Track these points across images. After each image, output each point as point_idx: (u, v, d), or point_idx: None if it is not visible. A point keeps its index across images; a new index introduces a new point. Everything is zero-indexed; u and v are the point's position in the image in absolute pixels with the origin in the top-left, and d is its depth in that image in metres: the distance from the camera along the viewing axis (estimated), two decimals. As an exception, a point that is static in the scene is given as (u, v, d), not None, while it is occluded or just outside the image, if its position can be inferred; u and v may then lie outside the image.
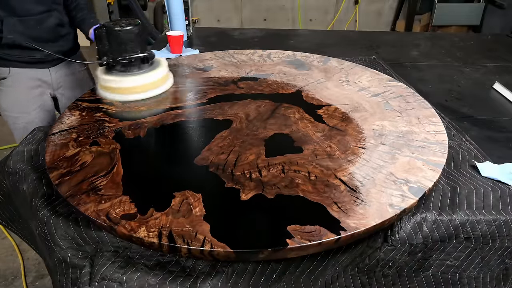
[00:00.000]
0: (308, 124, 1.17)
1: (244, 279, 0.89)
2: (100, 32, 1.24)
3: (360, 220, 0.81)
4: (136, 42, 1.27)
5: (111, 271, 0.87)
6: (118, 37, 1.25)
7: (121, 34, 1.25)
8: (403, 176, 0.95)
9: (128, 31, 1.26)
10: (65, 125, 1.16)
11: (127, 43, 1.26)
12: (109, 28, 1.24)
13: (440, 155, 1.03)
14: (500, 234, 0.96)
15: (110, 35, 1.26)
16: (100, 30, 1.24)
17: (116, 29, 1.24)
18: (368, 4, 4.96)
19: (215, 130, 1.14)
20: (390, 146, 1.07)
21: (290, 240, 0.76)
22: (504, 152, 1.24)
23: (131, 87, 1.29)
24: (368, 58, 1.96)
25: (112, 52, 1.27)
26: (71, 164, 0.98)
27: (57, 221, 0.90)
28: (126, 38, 1.26)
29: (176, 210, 0.83)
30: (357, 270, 0.95)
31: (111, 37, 1.26)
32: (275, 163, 0.99)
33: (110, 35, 1.26)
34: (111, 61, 1.27)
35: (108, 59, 1.27)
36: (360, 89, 1.41)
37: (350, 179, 0.94)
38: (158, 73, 1.34)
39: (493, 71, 1.91)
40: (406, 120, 1.20)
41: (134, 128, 1.15)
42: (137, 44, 1.28)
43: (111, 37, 1.26)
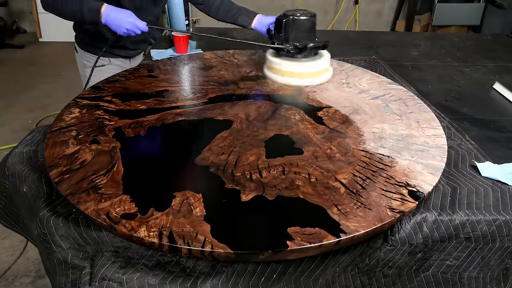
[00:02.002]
0: (309, 125, 1.17)
1: (244, 279, 0.89)
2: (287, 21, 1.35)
3: (360, 223, 0.81)
4: (314, 31, 1.38)
5: (111, 271, 0.87)
6: (302, 25, 1.35)
7: (305, 22, 1.35)
8: (402, 180, 0.95)
9: (310, 20, 1.36)
10: (64, 123, 1.15)
11: (310, 32, 1.36)
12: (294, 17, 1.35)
13: (439, 159, 1.04)
14: (500, 234, 0.96)
15: (295, 24, 1.35)
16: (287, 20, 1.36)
17: (302, 18, 1.35)
18: (368, 4, 4.96)
19: (216, 130, 1.14)
20: (390, 149, 1.07)
21: (290, 242, 0.76)
22: (504, 152, 1.24)
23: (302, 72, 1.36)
24: (368, 58, 1.96)
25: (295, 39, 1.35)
26: (71, 162, 0.98)
27: (57, 222, 0.90)
28: (309, 27, 1.36)
29: (177, 210, 0.83)
30: (357, 270, 0.95)
31: (296, 26, 1.35)
32: (275, 164, 0.99)
33: (295, 24, 1.35)
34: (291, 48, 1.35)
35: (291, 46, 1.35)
36: (360, 91, 1.41)
37: (350, 182, 0.94)
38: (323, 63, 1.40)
39: (493, 71, 1.91)
40: (405, 123, 1.20)
41: (135, 126, 1.14)
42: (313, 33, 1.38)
43: (296, 26, 1.35)
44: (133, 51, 1.82)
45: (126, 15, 1.43)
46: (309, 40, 1.36)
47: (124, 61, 1.83)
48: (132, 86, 1.41)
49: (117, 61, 1.80)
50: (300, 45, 1.35)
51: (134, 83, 1.43)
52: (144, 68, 1.58)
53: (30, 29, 5.07)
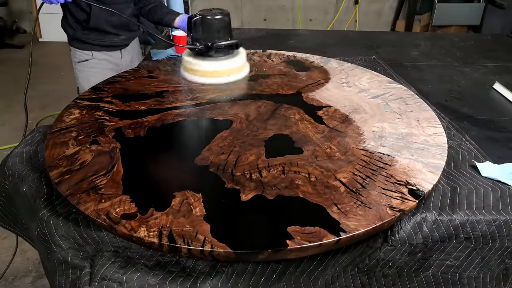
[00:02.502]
0: (308, 125, 1.17)
1: (244, 279, 0.89)
2: (196, 20, 1.39)
3: (360, 222, 0.81)
4: (226, 30, 1.42)
5: (111, 271, 0.87)
6: (212, 25, 1.39)
7: (216, 22, 1.39)
8: (402, 178, 0.95)
9: (221, 20, 1.40)
10: (65, 124, 1.16)
11: (220, 31, 1.40)
12: (204, 16, 1.39)
13: (439, 158, 1.04)
14: (500, 234, 0.96)
15: (204, 23, 1.39)
16: (197, 19, 1.39)
17: (210, 17, 1.38)
18: (368, 4, 4.96)
19: (215, 130, 1.14)
20: (390, 148, 1.07)
21: (290, 241, 0.76)
22: (504, 152, 1.24)
23: (216, 71, 1.43)
24: (368, 58, 1.96)
25: (205, 39, 1.40)
26: (71, 162, 0.98)
27: (57, 222, 0.90)
28: (219, 26, 1.40)
29: (177, 210, 0.83)
30: (357, 270, 0.95)
31: (205, 25, 1.39)
32: (275, 164, 0.99)
33: (204, 23, 1.39)
34: (202, 48, 1.40)
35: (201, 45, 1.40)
36: (360, 90, 1.41)
37: (350, 181, 0.94)
38: (238, 60, 1.47)
39: (493, 71, 1.91)
40: (405, 122, 1.20)
41: (134, 127, 1.15)
42: (227, 32, 1.42)
43: (205, 25, 1.39)
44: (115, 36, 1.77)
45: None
46: (221, 39, 1.40)
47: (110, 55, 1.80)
48: (132, 86, 1.41)
49: (101, 55, 1.77)
50: (210, 44, 1.39)
51: (134, 84, 1.43)
52: (144, 69, 1.58)
53: (30, 29, 5.08)
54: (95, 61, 1.77)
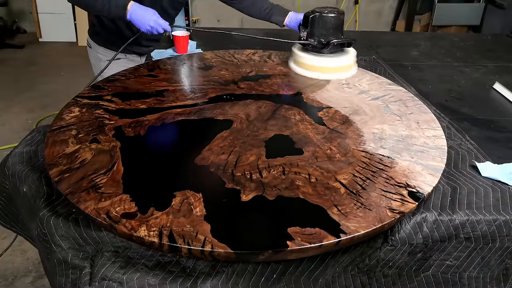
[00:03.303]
0: (309, 126, 1.17)
1: (244, 279, 0.89)
2: (313, 18, 1.48)
3: (360, 224, 0.81)
4: (340, 28, 1.49)
5: (111, 271, 0.87)
6: (328, 22, 1.47)
7: (331, 19, 1.46)
8: (402, 180, 0.95)
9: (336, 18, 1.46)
10: (64, 122, 1.15)
11: (335, 29, 1.47)
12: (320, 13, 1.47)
13: (439, 160, 1.04)
14: (500, 234, 0.96)
15: (322, 20, 1.47)
16: (314, 16, 1.48)
17: (327, 15, 1.45)
18: (368, 4, 4.96)
19: (216, 130, 1.14)
20: (390, 150, 1.07)
21: (291, 242, 0.76)
22: (504, 152, 1.24)
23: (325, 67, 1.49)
24: (368, 58, 1.96)
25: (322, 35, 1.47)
26: (71, 161, 0.98)
27: (57, 222, 0.90)
28: (336, 24, 1.47)
29: (177, 209, 0.83)
30: (357, 270, 0.95)
31: (322, 23, 1.47)
32: (275, 165, 0.99)
33: (321, 21, 1.47)
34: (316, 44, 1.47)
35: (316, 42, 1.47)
36: (360, 92, 1.41)
37: (350, 182, 0.94)
38: (349, 59, 1.52)
39: (493, 71, 1.91)
40: (405, 124, 1.20)
41: (135, 126, 1.14)
42: (340, 30, 1.49)
43: (322, 23, 1.47)
44: (146, 48, 1.87)
45: (151, 14, 1.49)
46: (335, 37, 1.45)
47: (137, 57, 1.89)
48: (132, 85, 1.41)
49: (132, 57, 1.86)
50: (325, 41, 1.45)
51: (134, 83, 1.43)
52: (144, 68, 1.58)
53: (30, 29, 5.07)
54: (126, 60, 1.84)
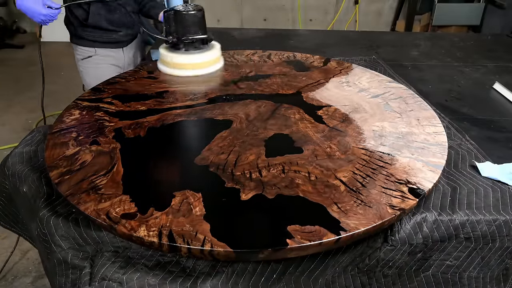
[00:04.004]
0: (308, 124, 1.17)
1: (244, 279, 0.89)
2: (168, 15, 1.47)
3: (360, 221, 0.81)
4: (198, 25, 1.48)
5: (111, 271, 0.87)
6: (183, 19, 1.47)
7: (188, 16, 1.46)
8: (403, 177, 0.95)
9: (194, 15, 1.46)
10: (65, 124, 1.16)
11: (191, 26, 1.47)
12: (177, 11, 1.46)
13: (439, 156, 1.04)
14: (500, 234, 0.96)
15: (177, 17, 1.46)
16: (169, 13, 1.46)
17: (183, 12, 1.46)
18: (368, 4, 4.95)
19: (215, 130, 1.14)
20: (390, 147, 1.07)
21: (290, 240, 0.76)
22: (504, 152, 1.24)
23: (188, 63, 1.50)
24: (368, 58, 1.96)
25: (177, 32, 1.48)
26: (71, 163, 0.98)
27: (57, 222, 0.90)
28: (190, 21, 1.47)
29: (176, 209, 0.83)
30: (357, 270, 0.95)
31: (178, 20, 1.47)
32: (275, 163, 0.99)
33: (177, 18, 1.46)
34: (175, 40, 1.48)
35: (173, 38, 1.48)
36: (360, 90, 1.41)
37: (350, 180, 0.94)
38: (212, 54, 1.54)
39: (493, 71, 1.91)
40: (406, 121, 1.20)
41: (134, 127, 1.15)
42: (199, 27, 1.48)
43: (177, 19, 1.47)
44: (114, 33, 1.78)
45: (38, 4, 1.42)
46: (194, 33, 1.47)
47: (115, 51, 1.82)
48: (132, 87, 1.41)
49: (105, 51, 1.79)
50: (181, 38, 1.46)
51: (134, 85, 1.43)
52: (144, 70, 1.58)
53: (30, 29, 5.08)
54: (99, 57, 1.79)
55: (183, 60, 1.49)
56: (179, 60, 1.49)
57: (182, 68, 1.50)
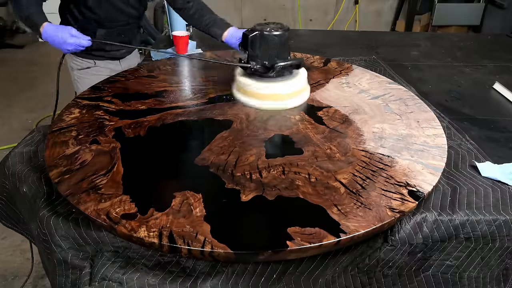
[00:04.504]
0: (308, 125, 1.17)
1: (244, 279, 0.89)
2: (253, 37, 1.22)
3: (360, 223, 0.81)
4: (286, 47, 1.24)
5: (111, 271, 0.87)
6: (271, 41, 1.21)
7: (275, 38, 1.20)
8: (402, 180, 0.95)
9: (281, 36, 1.21)
10: (64, 123, 1.15)
11: (280, 48, 1.22)
12: (262, 32, 1.20)
13: (439, 159, 1.04)
14: (500, 234, 0.96)
15: (263, 40, 1.21)
16: (254, 35, 1.21)
17: (270, 33, 1.20)
18: (368, 4, 4.95)
19: (216, 130, 1.14)
20: (390, 149, 1.07)
21: (290, 242, 0.76)
22: (504, 152, 1.24)
23: (273, 94, 1.25)
24: (368, 58, 1.96)
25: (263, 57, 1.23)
26: (71, 162, 0.98)
27: (57, 222, 0.90)
28: (279, 43, 1.21)
29: (177, 210, 0.83)
30: (357, 270, 0.95)
31: (264, 42, 1.21)
32: (275, 164, 0.99)
33: (262, 40, 1.21)
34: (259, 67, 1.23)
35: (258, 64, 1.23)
36: (360, 91, 1.41)
37: (350, 182, 0.94)
38: (299, 82, 1.28)
39: (493, 71, 1.91)
40: (405, 123, 1.20)
41: (135, 127, 1.14)
42: (286, 50, 1.24)
43: (263, 42, 1.21)
44: (116, 52, 1.77)
45: (65, 34, 1.39)
46: (280, 57, 1.22)
47: (112, 62, 1.80)
48: (132, 86, 1.41)
49: (103, 63, 1.77)
50: (268, 64, 1.22)
51: (134, 84, 1.43)
52: (144, 69, 1.58)
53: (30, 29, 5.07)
54: (97, 68, 1.77)
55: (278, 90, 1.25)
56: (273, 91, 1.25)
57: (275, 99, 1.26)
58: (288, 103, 1.27)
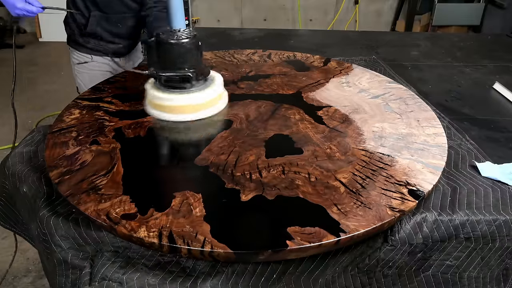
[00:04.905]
0: (308, 125, 1.17)
1: (244, 279, 0.89)
2: (150, 44, 1.17)
3: (360, 222, 0.81)
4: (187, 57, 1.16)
5: (111, 271, 0.87)
6: (167, 50, 1.15)
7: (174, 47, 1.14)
8: (402, 179, 0.95)
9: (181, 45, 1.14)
10: (65, 124, 1.15)
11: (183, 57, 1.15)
12: (160, 39, 1.14)
13: (439, 158, 1.04)
14: (500, 234, 0.96)
15: (161, 47, 1.15)
16: (150, 41, 1.16)
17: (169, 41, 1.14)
18: (368, 4, 4.96)
19: (215, 130, 1.14)
20: (390, 148, 1.07)
21: (290, 242, 0.76)
22: (504, 152, 1.24)
23: (181, 106, 1.18)
24: (368, 58, 1.96)
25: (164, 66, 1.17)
26: (71, 163, 0.98)
27: (57, 222, 0.90)
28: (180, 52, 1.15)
29: (177, 210, 0.83)
30: (357, 270, 0.95)
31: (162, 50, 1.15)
32: (275, 164, 0.99)
33: (160, 48, 1.15)
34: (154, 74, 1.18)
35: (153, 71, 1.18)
36: (360, 90, 1.41)
37: (350, 181, 0.94)
38: (211, 93, 1.21)
39: (493, 71, 1.91)
40: (406, 122, 1.20)
41: (135, 127, 1.14)
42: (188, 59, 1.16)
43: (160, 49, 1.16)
44: (112, 43, 1.72)
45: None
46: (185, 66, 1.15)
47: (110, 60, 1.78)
48: (132, 86, 1.41)
49: (101, 59, 1.76)
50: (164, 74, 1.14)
51: (134, 84, 1.43)
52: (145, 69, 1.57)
53: (30, 29, 5.07)
54: (94, 64, 1.76)
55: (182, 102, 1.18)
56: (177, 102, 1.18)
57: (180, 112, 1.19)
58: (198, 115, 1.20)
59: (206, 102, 1.20)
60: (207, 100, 1.20)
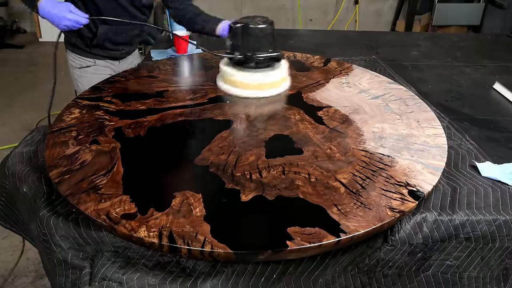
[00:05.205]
0: (308, 125, 1.17)
1: (244, 279, 0.89)
2: (236, 29, 1.32)
3: (360, 223, 0.81)
4: (268, 40, 1.32)
5: (111, 271, 0.87)
6: (255, 34, 1.30)
7: (258, 31, 1.30)
8: (402, 179, 0.95)
9: (264, 29, 1.30)
10: (64, 123, 1.15)
11: (263, 40, 1.31)
12: (246, 25, 1.30)
13: (439, 159, 1.04)
14: (500, 234, 0.96)
15: (245, 32, 1.30)
16: (237, 27, 1.31)
17: (252, 26, 1.29)
18: (368, 4, 4.95)
19: (216, 130, 1.14)
20: (390, 149, 1.07)
21: (290, 242, 0.76)
22: (504, 152, 1.24)
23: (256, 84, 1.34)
24: (368, 58, 1.96)
25: (246, 48, 1.32)
26: (71, 162, 0.98)
27: (57, 222, 0.90)
28: (262, 36, 1.30)
29: (177, 210, 0.83)
30: (357, 270, 0.95)
31: (247, 34, 1.30)
32: (275, 164, 0.99)
33: (245, 32, 1.30)
34: (241, 57, 1.32)
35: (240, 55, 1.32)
36: (360, 91, 1.41)
37: (350, 182, 0.94)
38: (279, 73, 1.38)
39: (493, 71, 1.91)
40: (406, 123, 1.20)
41: (135, 127, 1.14)
42: (269, 42, 1.32)
43: (246, 34, 1.31)
44: (115, 51, 1.77)
45: (62, 9, 1.35)
46: (262, 50, 1.31)
47: (112, 63, 1.80)
48: (132, 86, 1.41)
49: (103, 63, 1.77)
50: (249, 55, 1.30)
51: (134, 84, 1.43)
52: (144, 69, 1.58)
53: (30, 29, 5.07)
54: (97, 67, 1.77)
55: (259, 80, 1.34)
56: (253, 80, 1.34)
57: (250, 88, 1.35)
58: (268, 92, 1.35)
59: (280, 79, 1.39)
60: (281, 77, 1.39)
